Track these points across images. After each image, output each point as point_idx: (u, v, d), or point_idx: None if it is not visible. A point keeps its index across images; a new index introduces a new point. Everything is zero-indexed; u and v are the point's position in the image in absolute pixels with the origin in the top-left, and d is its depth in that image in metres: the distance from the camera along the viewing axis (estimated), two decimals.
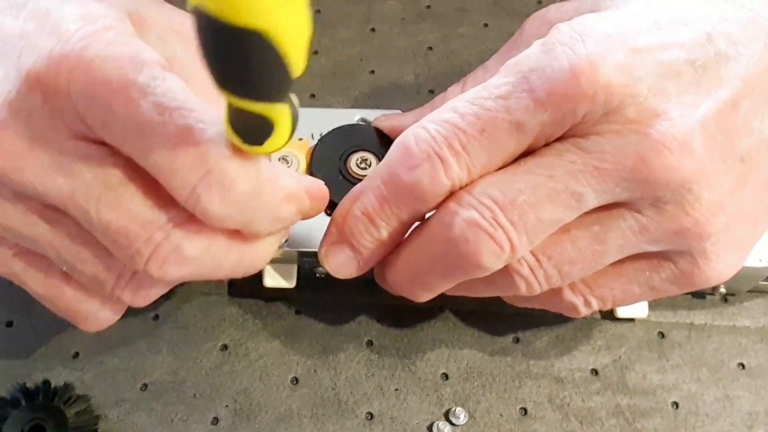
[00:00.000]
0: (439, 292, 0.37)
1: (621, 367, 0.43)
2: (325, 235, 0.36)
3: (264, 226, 0.32)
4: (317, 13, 0.55)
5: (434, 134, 0.32)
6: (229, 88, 0.25)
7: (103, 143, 0.30)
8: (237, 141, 0.28)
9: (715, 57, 0.32)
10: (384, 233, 0.35)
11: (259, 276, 0.41)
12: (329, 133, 0.43)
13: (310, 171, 0.42)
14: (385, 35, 0.54)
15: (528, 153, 0.33)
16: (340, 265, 0.36)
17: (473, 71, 0.42)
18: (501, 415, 0.41)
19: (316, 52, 0.53)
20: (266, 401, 0.41)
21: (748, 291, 0.45)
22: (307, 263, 0.42)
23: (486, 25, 0.55)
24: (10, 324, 0.43)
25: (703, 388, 0.42)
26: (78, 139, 0.30)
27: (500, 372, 0.42)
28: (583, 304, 0.36)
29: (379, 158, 0.42)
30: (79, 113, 0.29)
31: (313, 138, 0.43)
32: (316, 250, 0.39)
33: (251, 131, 0.28)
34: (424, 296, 0.37)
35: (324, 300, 0.44)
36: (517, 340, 0.43)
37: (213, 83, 0.25)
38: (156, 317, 0.43)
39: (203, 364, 0.42)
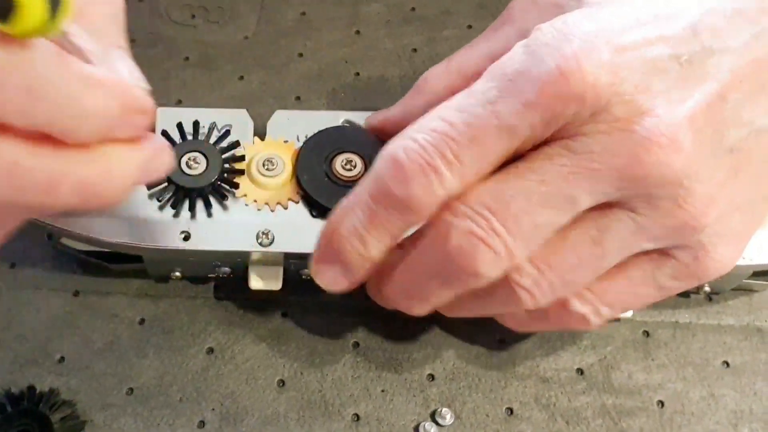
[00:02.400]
0: (437, 305, 0.36)
1: (606, 367, 0.43)
2: (315, 250, 0.36)
3: (71, 124, 0.27)
4: (302, 15, 0.55)
5: (424, 144, 0.32)
6: None
7: None
8: None
9: (701, 51, 0.32)
10: (374, 250, 0.34)
11: (245, 278, 0.41)
12: (314, 135, 0.43)
13: (296, 173, 0.42)
14: (370, 38, 0.54)
15: (518, 155, 0.33)
16: (332, 281, 0.36)
17: (459, 49, 0.41)
18: (487, 416, 0.41)
19: (301, 55, 0.53)
20: (253, 404, 0.41)
21: (732, 289, 0.45)
22: (292, 265, 0.42)
23: (470, 27, 0.55)
24: None
25: (689, 387, 0.42)
26: None
27: (486, 372, 0.42)
28: (593, 314, 0.36)
29: (365, 159, 0.42)
30: None
31: (298, 140, 0.43)
32: (302, 252, 0.40)
33: None
34: (421, 310, 0.37)
35: (310, 302, 0.44)
36: (503, 341, 0.43)
37: None
38: (142, 321, 0.43)
39: (189, 368, 0.42)
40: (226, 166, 0.41)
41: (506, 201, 0.31)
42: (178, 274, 0.43)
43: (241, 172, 0.42)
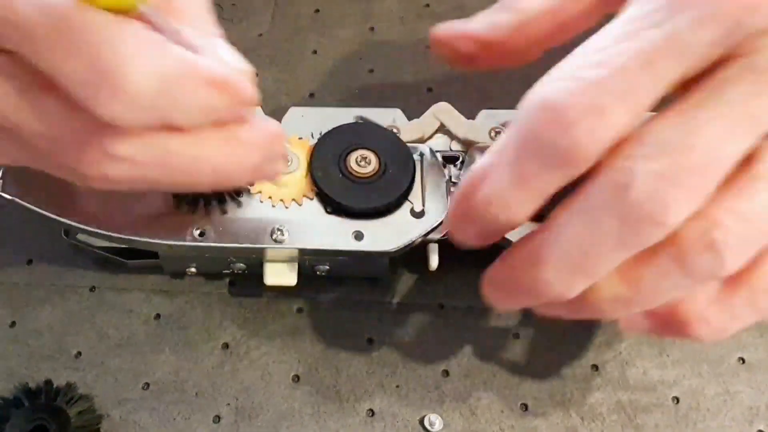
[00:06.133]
0: (605, 272, 0.30)
1: (622, 363, 0.43)
2: (449, 212, 0.32)
3: (190, 120, 0.29)
4: (316, 12, 0.55)
5: (588, 81, 0.27)
6: None
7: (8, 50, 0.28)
8: None
9: None
10: (521, 213, 0.29)
11: (260, 274, 0.41)
12: (329, 132, 0.43)
13: (310, 170, 0.42)
14: (384, 34, 0.54)
15: (685, 86, 0.29)
16: (465, 241, 0.32)
17: None
18: (502, 411, 0.41)
19: (315, 52, 0.53)
20: (268, 399, 0.41)
21: None
22: (307, 261, 0.42)
23: None
24: (12, 325, 0.43)
25: (704, 383, 0.42)
26: None
27: (501, 368, 0.42)
28: None
29: (379, 156, 0.42)
30: None
31: (312, 137, 0.43)
32: (317, 248, 0.40)
33: None
34: (579, 287, 0.30)
35: (325, 298, 0.44)
36: (518, 336, 0.43)
37: None
38: (157, 317, 0.43)
39: (205, 363, 0.42)
40: None
41: (692, 134, 0.28)
42: (193, 269, 0.43)
43: None
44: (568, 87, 0.27)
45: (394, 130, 0.44)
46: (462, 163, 0.43)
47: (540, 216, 0.30)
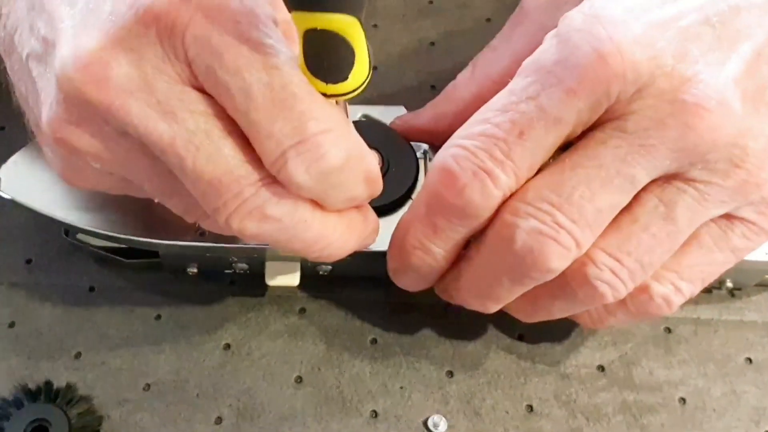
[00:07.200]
0: (508, 302, 0.37)
1: (627, 363, 0.42)
2: (389, 259, 0.38)
3: (336, 202, 0.33)
4: None
5: (473, 149, 0.32)
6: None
7: (206, 93, 0.30)
8: (319, 84, 0.29)
9: (728, 10, 0.32)
10: (441, 258, 0.35)
11: (262, 274, 0.41)
12: None
13: None
14: (387, 31, 0.54)
15: (567, 143, 0.33)
16: (410, 284, 0.38)
17: (481, 52, 0.42)
18: (507, 412, 0.41)
19: None
20: (270, 400, 0.41)
21: (755, 285, 0.44)
22: (310, 261, 0.41)
23: (488, 20, 0.54)
24: (12, 325, 0.42)
25: (710, 383, 0.42)
26: (185, 85, 0.30)
27: (505, 369, 0.42)
28: (674, 293, 0.35)
29: (382, 154, 0.41)
30: (188, 58, 0.29)
31: None
32: None
33: (329, 61, 0.29)
34: (494, 308, 0.37)
35: (327, 298, 0.44)
36: (522, 337, 0.43)
37: (289, 4, 0.26)
38: (158, 317, 0.43)
39: (206, 364, 0.42)
40: None
41: (567, 192, 0.32)
42: (194, 269, 0.43)
43: None
44: (458, 154, 0.32)
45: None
46: None
47: None
